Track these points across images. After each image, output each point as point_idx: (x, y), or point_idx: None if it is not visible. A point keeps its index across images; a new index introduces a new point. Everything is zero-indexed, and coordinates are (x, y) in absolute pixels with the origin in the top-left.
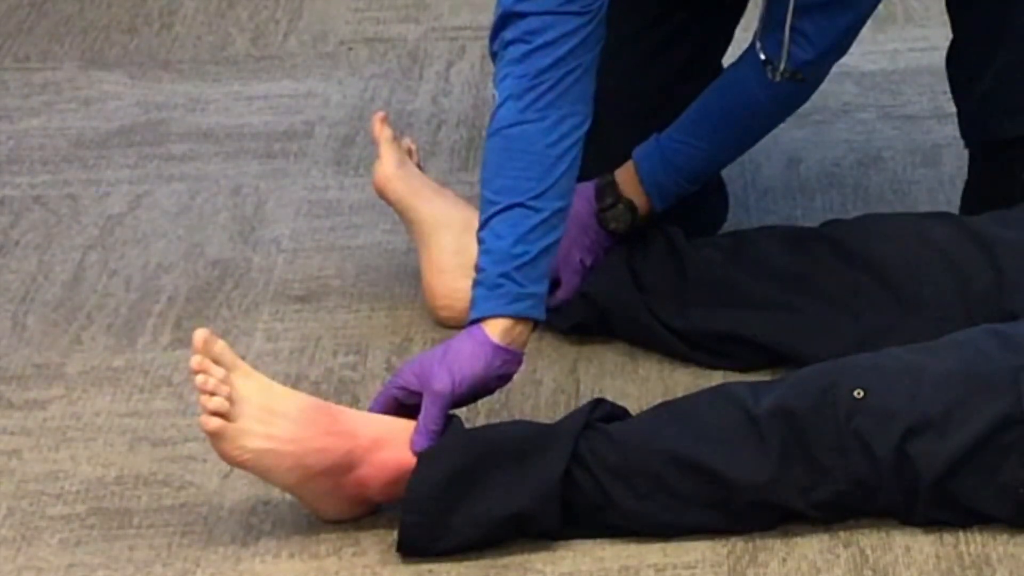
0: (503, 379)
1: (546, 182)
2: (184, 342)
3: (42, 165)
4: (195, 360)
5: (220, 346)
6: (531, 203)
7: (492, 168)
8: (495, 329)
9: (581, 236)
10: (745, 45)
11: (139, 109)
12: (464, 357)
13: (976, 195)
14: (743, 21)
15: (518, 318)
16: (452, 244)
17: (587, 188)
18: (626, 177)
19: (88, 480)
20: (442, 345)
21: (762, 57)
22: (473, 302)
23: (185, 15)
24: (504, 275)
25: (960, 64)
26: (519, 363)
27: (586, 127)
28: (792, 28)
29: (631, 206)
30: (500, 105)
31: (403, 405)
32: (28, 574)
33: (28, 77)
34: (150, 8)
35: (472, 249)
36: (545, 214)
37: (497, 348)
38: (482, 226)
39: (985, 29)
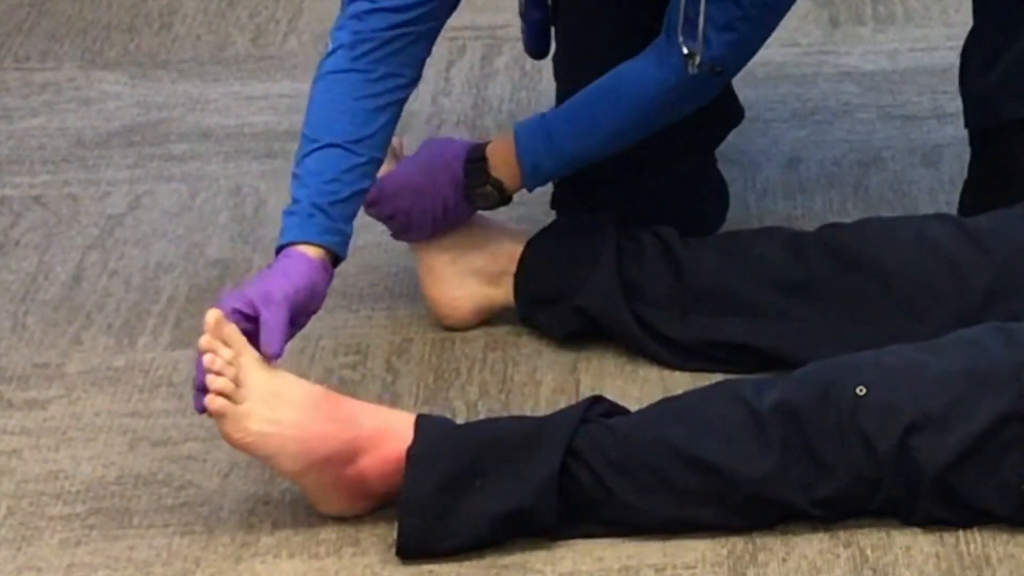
0: (322, 298)
1: (365, 130)
2: (184, 342)
3: (42, 165)
4: (204, 340)
5: (231, 329)
6: (349, 146)
7: (314, 110)
8: (306, 252)
9: (448, 189)
10: None
11: (139, 109)
12: (292, 270)
13: (978, 184)
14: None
15: (326, 250)
16: (448, 253)
17: (460, 151)
18: (502, 150)
19: (88, 480)
20: (261, 271)
21: (684, 51)
22: (284, 230)
23: (185, 15)
24: (317, 207)
25: (978, 50)
26: (324, 297)
27: (410, 91)
28: (707, 22)
29: (499, 187)
30: (331, 53)
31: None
32: (28, 574)
33: (28, 77)
34: (150, 8)
35: (469, 257)
36: (362, 159)
37: (315, 262)
38: (298, 163)
39: (1008, 17)
